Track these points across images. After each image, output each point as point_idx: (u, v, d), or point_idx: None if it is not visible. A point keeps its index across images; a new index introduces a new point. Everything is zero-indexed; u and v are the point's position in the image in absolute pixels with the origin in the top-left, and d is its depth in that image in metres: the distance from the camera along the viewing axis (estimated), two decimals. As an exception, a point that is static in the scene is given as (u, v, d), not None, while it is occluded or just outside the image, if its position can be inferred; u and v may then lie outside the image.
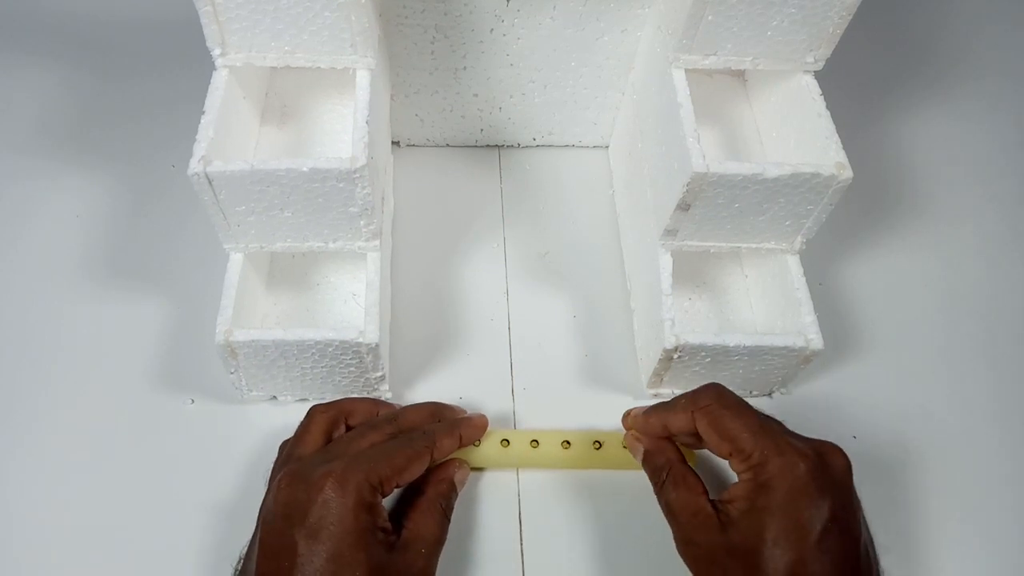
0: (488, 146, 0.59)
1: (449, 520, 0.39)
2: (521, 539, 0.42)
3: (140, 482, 0.43)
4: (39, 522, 0.42)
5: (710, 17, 0.40)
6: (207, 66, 0.42)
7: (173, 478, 0.43)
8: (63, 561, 0.41)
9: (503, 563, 0.41)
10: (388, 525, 0.35)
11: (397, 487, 0.36)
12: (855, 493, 0.35)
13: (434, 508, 0.38)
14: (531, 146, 0.59)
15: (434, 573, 0.37)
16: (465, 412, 0.44)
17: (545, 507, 0.43)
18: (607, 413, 0.45)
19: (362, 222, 0.42)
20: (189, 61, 0.59)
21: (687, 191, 0.40)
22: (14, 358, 0.47)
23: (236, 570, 0.36)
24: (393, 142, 0.57)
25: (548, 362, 0.49)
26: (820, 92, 0.43)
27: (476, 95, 0.54)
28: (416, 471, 0.37)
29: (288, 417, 0.44)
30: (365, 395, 0.46)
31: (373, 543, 0.33)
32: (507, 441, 0.43)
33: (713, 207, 0.41)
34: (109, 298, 0.50)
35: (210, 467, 0.43)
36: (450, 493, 0.39)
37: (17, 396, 0.46)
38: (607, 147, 0.59)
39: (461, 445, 0.41)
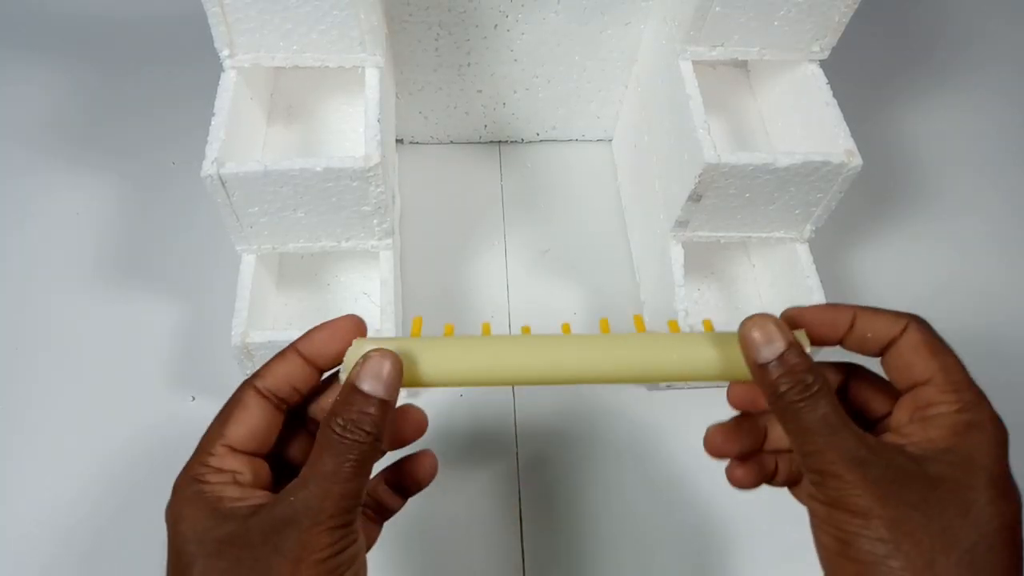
0: (492, 142, 0.59)
1: (365, 444, 0.26)
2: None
3: (142, 483, 0.43)
4: (40, 521, 0.42)
5: (718, 8, 0.40)
6: (207, 64, 0.42)
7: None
8: (64, 560, 0.41)
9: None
10: (245, 499, 0.26)
11: (243, 449, 0.28)
12: None
13: (322, 431, 0.27)
14: (535, 141, 0.59)
15: (340, 511, 0.26)
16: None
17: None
18: (615, 408, 0.45)
19: (375, 220, 0.42)
20: (189, 59, 0.59)
21: (699, 182, 0.40)
22: (13, 356, 0.47)
23: None
24: (397, 140, 0.57)
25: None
26: (826, 81, 0.44)
27: (480, 91, 0.54)
28: (243, 422, 0.28)
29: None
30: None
31: (207, 529, 0.26)
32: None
33: (724, 197, 0.42)
34: (110, 296, 0.50)
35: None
36: (347, 405, 0.27)
37: (16, 394, 0.46)
38: (611, 141, 0.59)
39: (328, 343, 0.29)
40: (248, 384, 0.29)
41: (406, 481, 0.32)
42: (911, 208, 0.57)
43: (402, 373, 0.28)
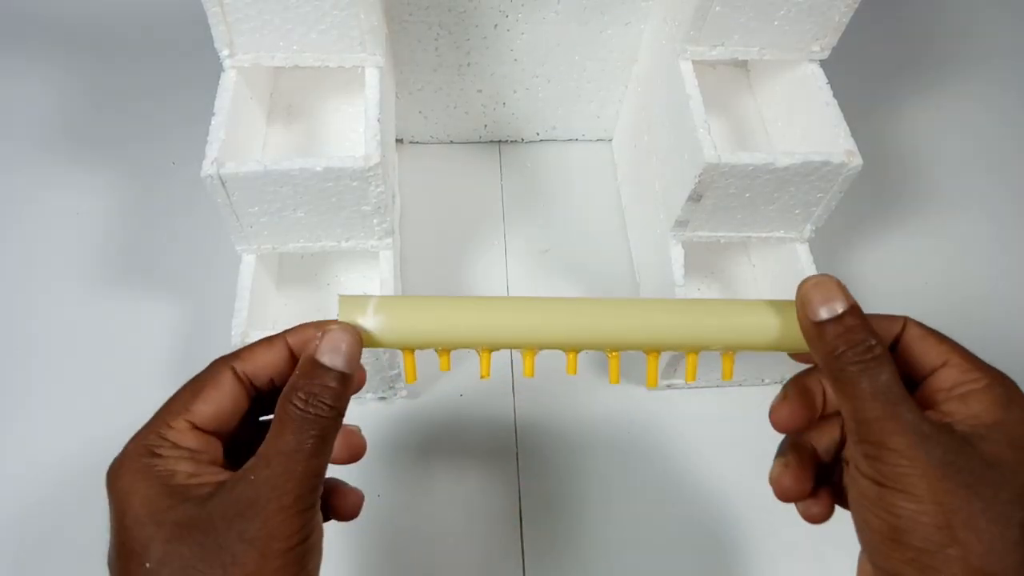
0: (492, 142, 0.59)
1: (323, 415, 0.25)
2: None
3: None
4: (39, 520, 0.42)
5: (718, 8, 0.40)
6: (207, 64, 0.42)
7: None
8: (64, 560, 0.41)
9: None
10: (201, 476, 0.25)
11: (206, 427, 0.27)
12: None
13: (282, 406, 0.26)
14: (535, 141, 0.59)
15: (303, 491, 0.25)
16: None
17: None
18: (615, 408, 0.45)
19: (375, 220, 0.42)
20: (189, 59, 0.60)
21: (699, 182, 0.40)
22: (12, 356, 0.47)
23: None
24: (397, 140, 0.57)
25: (553, 357, 0.48)
26: (826, 81, 0.44)
27: (480, 91, 0.54)
28: (212, 397, 0.27)
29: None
30: (381, 393, 0.46)
31: (161, 508, 0.24)
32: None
33: (724, 197, 0.42)
34: (109, 296, 0.50)
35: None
36: (309, 379, 0.26)
37: (15, 394, 0.46)
38: (610, 140, 0.59)
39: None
40: (225, 363, 0.27)
41: (328, 510, 0.29)
42: (911, 208, 0.57)
43: (362, 345, 0.28)
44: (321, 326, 0.28)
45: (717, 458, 0.45)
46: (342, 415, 0.26)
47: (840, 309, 0.27)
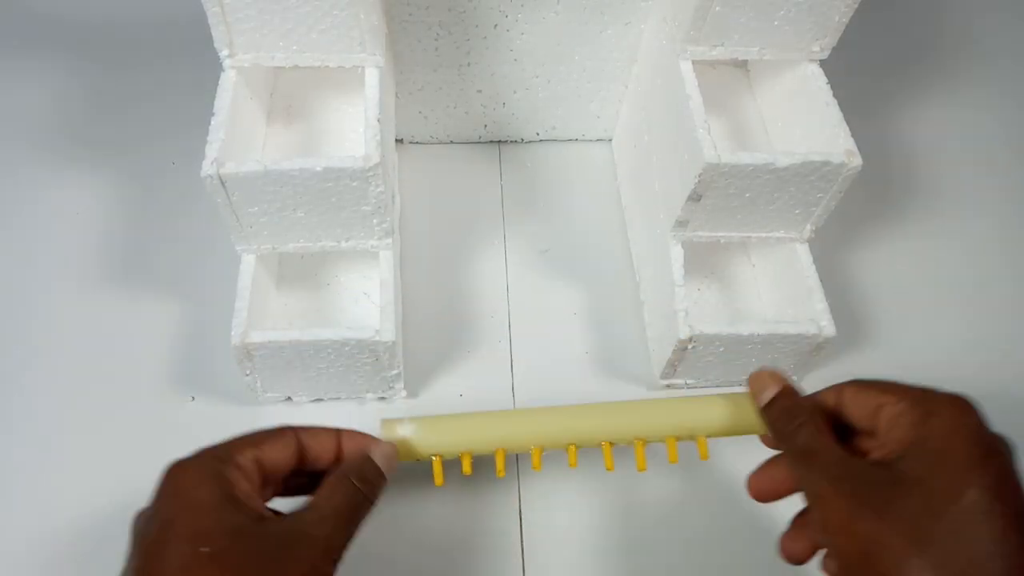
0: (492, 142, 0.59)
1: (368, 497, 0.33)
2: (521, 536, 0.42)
3: (142, 482, 0.43)
4: (37, 520, 0.42)
5: (718, 8, 0.40)
6: (207, 64, 0.42)
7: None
8: (63, 560, 0.41)
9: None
10: (255, 501, 0.31)
11: (264, 468, 0.32)
12: None
13: (340, 479, 0.33)
14: (535, 141, 0.59)
15: (341, 546, 0.31)
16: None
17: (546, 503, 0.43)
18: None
19: (375, 220, 0.42)
20: (189, 59, 0.59)
21: (699, 182, 0.40)
22: (11, 356, 0.47)
23: None
24: (397, 140, 0.57)
25: (554, 356, 0.49)
26: (826, 81, 0.44)
27: (480, 91, 0.54)
28: (277, 447, 0.33)
29: (304, 417, 0.44)
30: (380, 393, 0.46)
31: (224, 508, 0.29)
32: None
33: (724, 197, 0.42)
34: (109, 296, 0.50)
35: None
36: (362, 466, 0.34)
37: (14, 394, 0.46)
38: (610, 140, 0.59)
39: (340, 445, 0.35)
40: (292, 429, 0.34)
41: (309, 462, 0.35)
42: (911, 208, 0.57)
43: (397, 459, 0.36)
44: (368, 439, 0.36)
45: (718, 458, 0.45)
46: (374, 503, 0.33)
47: (774, 392, 0.34)
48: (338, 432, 0.35)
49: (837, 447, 0.30)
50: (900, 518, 0.27)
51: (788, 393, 0.34)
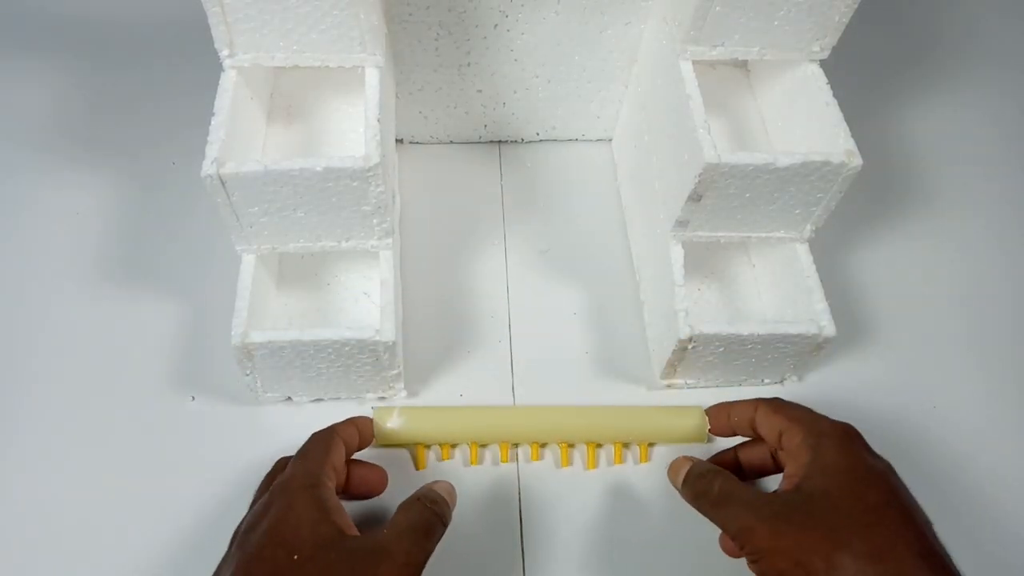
0: (492, 142, 0.59)
1: (441, 519, 0.37)
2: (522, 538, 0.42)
3: (142, 482, 0.43)
4: (38, 521, 0.42)
5: (718, 8, 0.40)
6: (208, 64, 0.42)
7: (185, 481, 0.43)
8: (62, 560, 0.41)
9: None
10: (343, 517, 0.35)
11: (338, 474, 0.37)
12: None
13: (413, 502, 0.37)
14: (535, 141, 0.59)
15: (418, 562, 0.34)
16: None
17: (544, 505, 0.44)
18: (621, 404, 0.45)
19: (375, 220, 0.42)
20: (189, 59, 0.60)
21: (699, 182, 0.40)
22: (10, 356, 0.47)
23: None
24: (397, 140, 0.57)
25: (554, 356, 0.49)
26: (826, 81, 0.44)
27: (480, 91, 0.54)
28: (338, 450, 0.38)
29: (304, 417, 0.44)
30: (380, 393, 0.46)
31: (320, 523, 0.33)
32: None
33: (724, 197, 0.42)
34: (109, 296, 0.50)
35: (226, 470, 0.43)
36: (435, 497, 0.38)
37: (14, 394, 0.46)
38: (610, 140, 0.59)
39: (360, 436, 0.41)
40: (332, 430, 0.39)
41: (356, 489, 0.41)
42: (911, 208, 0.57)
43: (456, 500, 0.40)
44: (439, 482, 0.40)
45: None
46: (446, 524, 0.37)
47: (684, 472, 0.39)
48: (352, 420, 0.41)
49: (748, 487, 0.36)
50: (819, 526, 0.32)
51: (697, 463, 0.40)
